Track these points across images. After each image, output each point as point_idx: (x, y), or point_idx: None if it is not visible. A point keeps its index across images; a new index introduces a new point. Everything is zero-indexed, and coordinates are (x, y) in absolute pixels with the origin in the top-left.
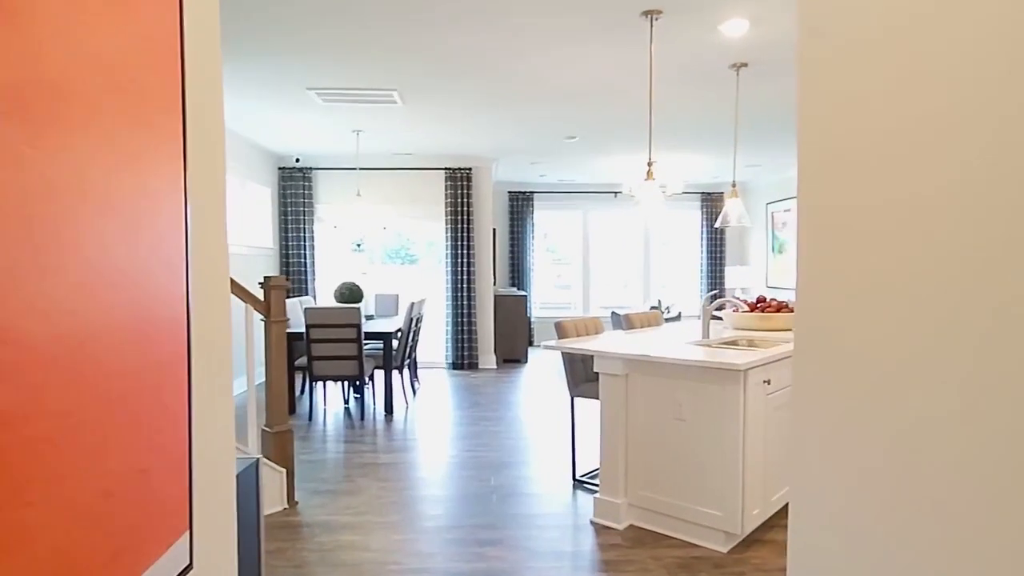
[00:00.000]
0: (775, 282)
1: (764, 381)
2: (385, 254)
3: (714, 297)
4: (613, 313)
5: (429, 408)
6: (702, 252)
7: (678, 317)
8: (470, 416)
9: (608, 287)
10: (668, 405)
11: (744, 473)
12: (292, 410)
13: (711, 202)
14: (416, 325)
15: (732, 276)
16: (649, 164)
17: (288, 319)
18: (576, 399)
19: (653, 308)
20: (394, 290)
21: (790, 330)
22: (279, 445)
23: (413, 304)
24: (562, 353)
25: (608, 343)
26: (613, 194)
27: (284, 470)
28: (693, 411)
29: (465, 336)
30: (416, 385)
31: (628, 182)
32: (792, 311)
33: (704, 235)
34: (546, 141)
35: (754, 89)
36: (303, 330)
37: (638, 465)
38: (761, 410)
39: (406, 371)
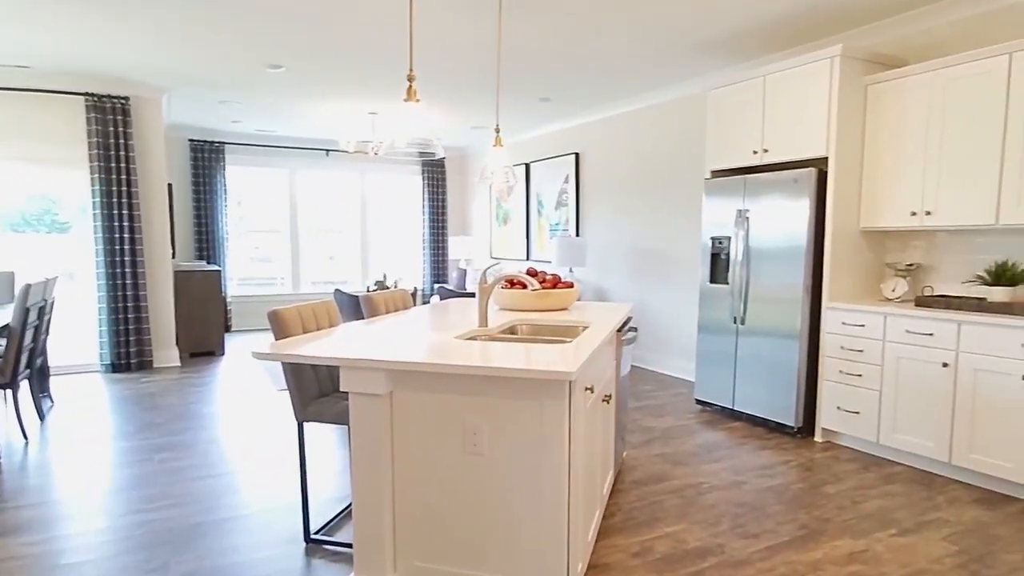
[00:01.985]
0: (499, 253)
1: (586, 388)
2: (23, 219)
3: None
4: (337, 291)
5: (67, 441)
6: (423, 221)
7: (415, 295)
8: (140, 447)
9: (319, 260)
10: (456, 434)
11: (571, 520)
12: None
13: (433, 167)
14: (41, 316)
15: (456, 247)
16: (410, 80)
17: None
18: (306, 424)
19: (379, 283)
20: (15, 267)
21: (566, 309)
22: None
23: (30, 287)
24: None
25: (356, 344)
26: (325, 151)
27: None
28: (495, 440)
29: (131, 326)
30: (46, 405)
31: (346, 136)
32: (569, 286)
33: (425, 203)
34: (240, 67)
35: (508, 27)
36: None
37: (413, 524)
38: (584, 428)
39: (26, 386)
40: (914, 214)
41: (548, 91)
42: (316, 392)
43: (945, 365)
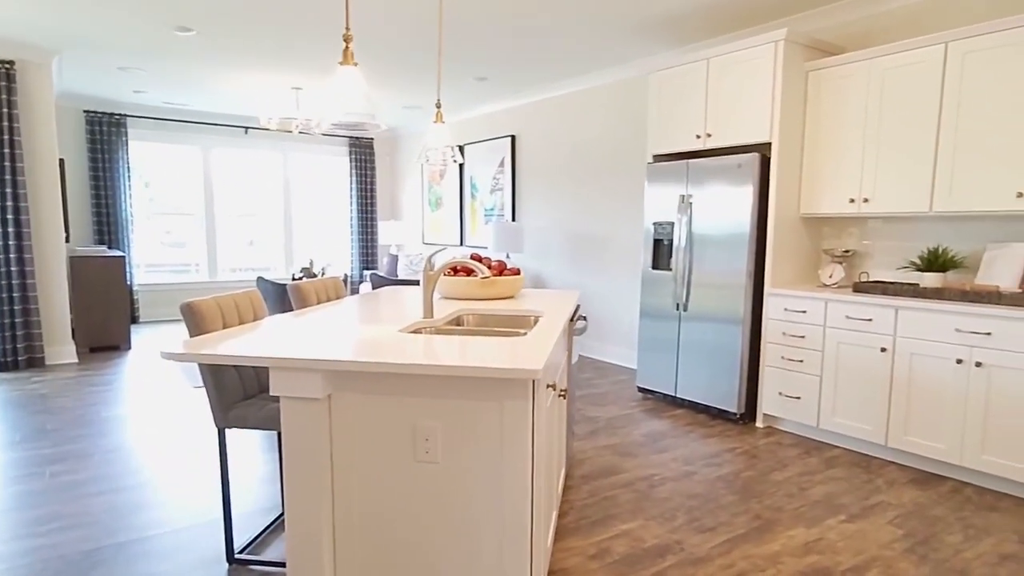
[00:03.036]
0: (432, 238)
1: (548, 385)
2: None
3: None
4: (260, 279)
5: None
6: (351, 205)
7: (345, 282)
8: (27, 458)
9: (238, 245)
10: (406, 440)
11: (534, 533)
12: None
13: (361, 148)
14: None
15: (386, 232)
16: (346, 41)
17: None
18: (228, 431)
19: (305, 270)
20: None
21: (512, 297)
22: None
23: None
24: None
25: (287, 340)
26: (244, 129)
27: None
28: (450, 446)
29: (17, 319)
30: None
31: (267, 113)
32: (516, 273)
33: (353, 185)
34: (142, 28)
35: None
36: None
37: (356, 540)
38: (545, 428)
39: None
40: (852, 201)
41: (485, 69)
42: (240, 394)
43: (883, 350)
